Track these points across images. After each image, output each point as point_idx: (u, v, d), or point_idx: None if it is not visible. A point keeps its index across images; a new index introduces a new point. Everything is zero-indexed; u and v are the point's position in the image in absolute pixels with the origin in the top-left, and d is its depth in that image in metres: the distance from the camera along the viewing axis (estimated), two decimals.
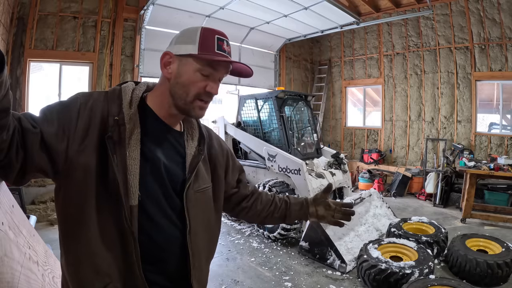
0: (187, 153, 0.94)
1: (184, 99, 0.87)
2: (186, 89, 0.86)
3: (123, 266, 0.80)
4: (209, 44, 0.85)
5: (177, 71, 0.87)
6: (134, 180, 0.80)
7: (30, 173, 0.76)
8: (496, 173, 4.51)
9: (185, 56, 0.86)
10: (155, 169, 0.87)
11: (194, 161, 0.94)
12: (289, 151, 4.55)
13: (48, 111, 0.79)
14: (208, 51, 0.85)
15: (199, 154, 0.96)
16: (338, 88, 8.87)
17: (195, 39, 0.85)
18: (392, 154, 7.68)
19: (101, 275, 0.78)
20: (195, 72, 0.86)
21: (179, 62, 0.87)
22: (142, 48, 5.86)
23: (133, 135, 0.82)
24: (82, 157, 0.78)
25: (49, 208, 4.74)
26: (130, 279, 0.80)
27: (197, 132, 1.00)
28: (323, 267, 3.40)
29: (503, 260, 2.88)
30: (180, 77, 0.86)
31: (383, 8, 7.50)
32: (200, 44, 0.85)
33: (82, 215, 0.78)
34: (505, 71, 5.90)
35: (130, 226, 0.78)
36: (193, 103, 0.88)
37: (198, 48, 0.84)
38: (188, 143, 0.96)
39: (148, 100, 0.92)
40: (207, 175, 1.00)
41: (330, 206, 1.14)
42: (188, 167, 0.93)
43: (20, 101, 4.88)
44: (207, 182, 0.99)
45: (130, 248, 0.79)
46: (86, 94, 0.85)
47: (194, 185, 0.93)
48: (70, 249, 0.80)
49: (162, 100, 0.90)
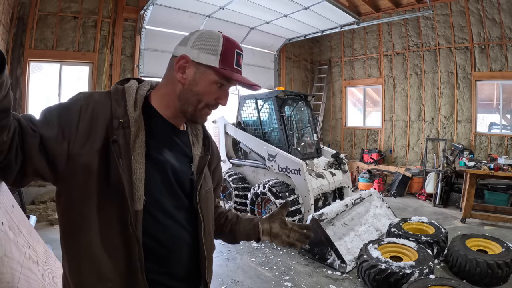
0: (194, 153, 0.94)
1: (195, 106, 0.87)
2: (199, 97, 0.86)
3: (125, 270, 0.78)
4: (230, 58, 0.85)
5: (193, 78, 0.86)
6: (139, 184, 0.79)
7: (29, 176, 0.75)
8: (496, 173, 4.51)
9: (204, 66, 0.85)
10: (162, 172, 0.86)
11: (202, 162, 0.95)
12: (289, 151, 4.55)
13: (48, 113, 0.78)
14: (228, 66, 0.85)
15: (205, 155, 0.96)
16: (338, 88, 8.87)
17: (217, 50, 0.84)
18: (392, 154, 7.68)
19: (103, 280, 0.77)
20: (211, 84, 0.86)
21: (196, 70, 0.85)
22: (142, 48, 5.87)
23: (138, 138, 0.81)
24: (83, 160, 0.76)
25: (49, 208, 4.74)
26: (132, 284, 0.79)
27: (201, 132, 1.00)
28: (323, 267, 3.40)
29: (503, 260, 2.88)
30: (195, 85, 0.86)
31: (383, 8, 7.50)
32: (222, 57, 0.84)
33: (84, 220, 0.77)
34: (505, 71, 5.90)
35: (134, 231, 0.77)
36: (202, 111, 0.89)
37: (219, 61, 0.84)
38: (193, 143, 0.96)
39: (152, 99, 0.90)
40: (209, 176, 1.01)
41: (286, 225, 1.04)
42: (196, 168, 0.93)
43: (20, 101, 4.88)
44: (210, 183, 1.00)
45: (134, 253, 0.78)
46: (87, 95, 0.83)
47: (203, 185, 0.94)
48: (71, 253, 0.79)
49: (168, 101, 0.89)
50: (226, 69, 0.84)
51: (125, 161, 0.78)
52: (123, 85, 0.88)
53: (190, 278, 0.93)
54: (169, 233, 0.87)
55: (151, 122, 0.87)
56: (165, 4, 5.40)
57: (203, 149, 0.97)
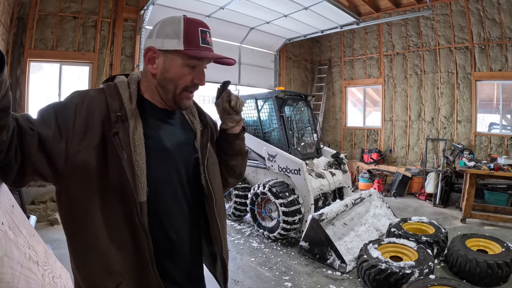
0: (195, 129, 0.96)
1: (173, 92, 0.88)
2: (174, 83, 0.87)
3: (135, 263, 0.79)
4: (194, 38, 0.85)
5: (163, 67, 0.86)
6: (142, 176, 0.80)
7: (29, 175, 0.75)
8: (496, 173, 4.51)
9: (170, 52, 0.85)
10: (163, 161, 0.87)
11: (204, 137, 0.96)
12: (289, 151, 4.54)
13: (45, 112, 0.79)
14: (194, 45, 0.84)
15: (205, 128, 0.98)
16: (338, 88, 8.86)
17: (179, 33, 0.84)
18: (392, 154, 7.68)
19: (113, 274, 0.77)
20: (182, 67, 0.86)
21: (164, 58, 0.86)
22: (142, 48, 5.85)
23: (137, 130, 0.82)
24: (82, 156, 0.77)
25: (49, 208, 4.74)
26: (143, 276, 0.79)
27: (194, 108, 1.02)
28: (323, 267, 3.40)
29: (503, 260, 2.88)
30: (167, 73, 0.86)
31: (383, 8, 7.50)
32: (185, 38, 0.84)
33: (87, 216, 0.77)
34: (505, 71, 5.89)
35: (141, 222, 0.78)
36: (181, 95, 0.89)
37: (183, 43, 0.83)
38: (191, 121, 0.98)
39: (142, 91, 0.92)
40: (213, 150, 1.02)
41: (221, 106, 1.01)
42: (200, 144, 0.95)
43: (20, 101, 4.88)
44: (215, 156, 1.02)
45: (143, 244, 0.78)
46: (81, 93, 0.85)
47: (210, 158, 0.96)
48: (78, 251, 0.79)
49: (153, 91, 0.91)
50: (192, 49, 0.84)
51: (126, 154, 0.79)
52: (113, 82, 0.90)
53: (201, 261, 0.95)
54: (175, 221, 0.87)
55: (146, 112, 0.88)
56: (165, 4, 5.40)
57: (201, 125, 0.99)
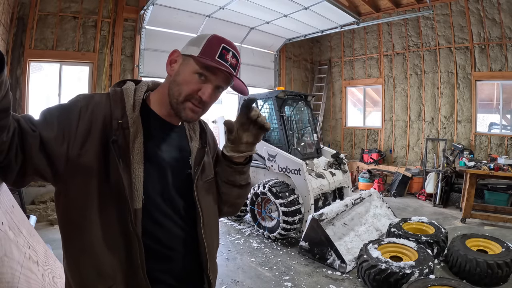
0: (192, 146, 0.96)
1: (176, 98, 0.87)
2: (179, 88, 0.86)
3: (126, 268, 0.80)
4: (212, 50, 0.86)
5: (178, 69, 0.88)
6: (138, 184, 0.81)
7: (29, 175, 0.75)
8: (496, 173, 4.51)
9: (187, 56, 0.87)
10: (160, 172, 0.88)
11: (199, 154, 0.96)
12: (289, 151, 4.54)
13: (48, 114, 0.78)
14: (209, 56, 0.85)
15: (203, 147, 0.98)
16: (338, 88, 8.86)
17: (201, 43, 0.87)
18: (392, 154, 7.68)
19: (104, 278, 0.78)
20: (192, 73, 0.86)
21: (182, 61, 0.88)
22: (142, 48, 5.86)
23: (137, 139, 0.83)
24: (83, 160, 0.77)
25: (49, 208, 4.74)
26: (133, 281, 0.80)
27: (197, 126, 1.02)
28: (323, 267, 3.40)
29: (503, 260, 2.88)
30: (178, 76, 0.87)
31: (383, 8, 7.50)
32: (203, 48, 0.86)
33: (84, 219, 0.78)
34: (505, 71, 5.89)
35: (135, 229, 0.78)
36: (184, 104, 0.86)
37: (200, 51, 0.85)
38: (191, 137, 0.98)
39: (150, 100, 0.93)
40: (211, 166, 1.02)
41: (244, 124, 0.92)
42: (194, 160, 0.95)
43: (20, 101, 4.88)
44: (211, 173, 1.01)
45: (135, 250, 0.79)
46: (87, 97, 0.85)
47: (202, 176, 0.95)
48: (72, 252, 0.80)
49: (163, 100, 0.90)
50: (205, 58, 0.84)
51: (125, 161, 0.79)
52: (121, 87, 0.90)
53: (193, 276, 0.93)
54: (168, 231, 0.88)
55: (149, 122, 0.88)
56: (165, 4, 5.39)
57: (200, 142, 0.99)
